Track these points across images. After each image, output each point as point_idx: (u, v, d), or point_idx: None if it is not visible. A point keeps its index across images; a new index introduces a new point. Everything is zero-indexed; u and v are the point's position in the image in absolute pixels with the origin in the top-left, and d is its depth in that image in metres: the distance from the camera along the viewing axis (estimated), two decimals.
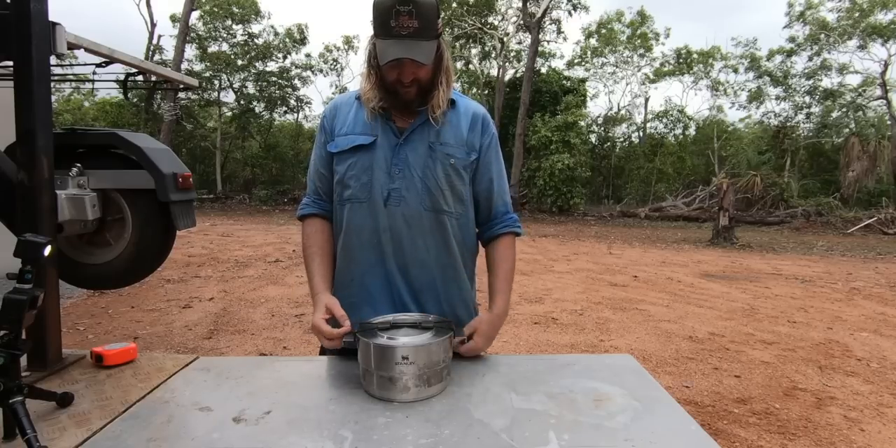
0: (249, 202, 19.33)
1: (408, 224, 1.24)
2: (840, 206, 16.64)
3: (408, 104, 1.24)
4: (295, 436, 0.91)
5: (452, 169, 1.26)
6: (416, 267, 1.27)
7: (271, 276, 6.52)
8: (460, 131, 1.28)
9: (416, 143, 1.25)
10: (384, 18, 1.11)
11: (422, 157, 1.25)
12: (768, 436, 2.64)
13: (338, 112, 1.33)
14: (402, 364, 1.02)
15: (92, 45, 1.71)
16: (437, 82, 1.23)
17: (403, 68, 1.17)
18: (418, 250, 1.26)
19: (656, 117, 24.40)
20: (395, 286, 1.27)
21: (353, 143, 1.26)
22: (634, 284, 6.49)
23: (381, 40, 1.14)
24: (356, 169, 1.25)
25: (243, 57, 20.72)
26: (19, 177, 1.24)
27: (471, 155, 1.29)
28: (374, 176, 1.24)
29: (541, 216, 17.11)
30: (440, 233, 1.27)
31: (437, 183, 1.25)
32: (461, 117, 1.30)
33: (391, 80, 1.20)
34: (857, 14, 19.21)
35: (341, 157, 1.28)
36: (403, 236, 1.25)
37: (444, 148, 1.26)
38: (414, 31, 1.11)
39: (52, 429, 0.95)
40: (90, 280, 1.74)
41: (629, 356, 1.32)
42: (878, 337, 4.42)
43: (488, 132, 1.33)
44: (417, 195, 1.24)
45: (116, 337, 4.04)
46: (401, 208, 1.24)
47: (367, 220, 1.25)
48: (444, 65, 1.24)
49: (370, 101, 1.25)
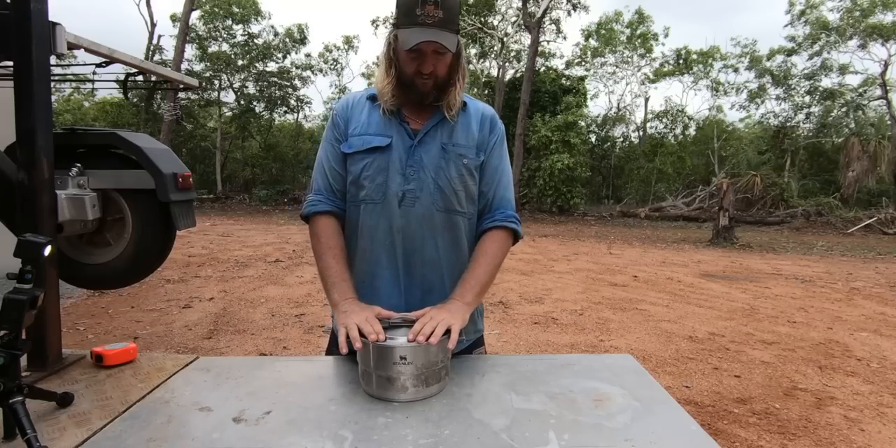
0: (249, 202, 19.34)
1: (421, 225, 1.25)
2: (840, 206, 16.64)
3: (423, 97, 1.23)
4: (295, 436, 0.91)
5: (465, 169, 1.27)
6: (427, 267, 1.27)
7: (271, 276, 6.52)
8: (471, 132, 1.29)
9: (430, 145, 1.26)
10: (410, 7, 1.13)
11: (435, 158, 1.25)
12: (768, 436, 2.64)
13: (351, 111, 1.32)
14: (399, 364, 1.02)
15: (92, 45, 1.71)
16: (453, 79, 1.24)
17: (424, 58, 1.17)
18: (429, 250, 1.26)
19: (656, 117, 24.41)
20: (404, 286, 1.28)
21: (369, 144, 1.26)
22: (634, 284, 6.49)
23: (404, 29, 1.15)
24: (371, 170, 1.25)
25: (243, 57, 20.72)
26: (19, 177, 1.24)
27: (480, 155, 1.30)
28: (389, 177, 1.24)
29: (541, 216, 17.11)
30: (452, 233, 1.28)
31: (450, 183, 1.25)
32: (472, 118, 1.30)
33: (410, 71, 1.20)
34: (857, 13, 19.21)
35: (355, 157, 1.27)
36: (416, 237, 1.25)
37: (457, 148, 1.26)
38: (438, 20, 1.13)
39: (52, 429, 0.95)
40: (90, 280, 1.74)
41: (629, 356, 1.32)
42: (878, 337, 4.42)
43: (496, 131, 1.33)
44: (431, 196, 1.24)
45: (116, 337, 4.04)
46: (415, 209, 1.24)
47: (380, 220, 1.25)
48: (462, 63, 1.25)
49: (384, 96, 1.25)
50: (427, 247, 1.26)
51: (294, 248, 8.99)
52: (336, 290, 1.21)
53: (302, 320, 4.59)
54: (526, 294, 5.77)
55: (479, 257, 1.25)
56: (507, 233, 1.30)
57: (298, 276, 6.47)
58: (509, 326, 4.51)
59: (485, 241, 1.29)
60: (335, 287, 1.21)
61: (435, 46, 1.15)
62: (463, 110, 1.30)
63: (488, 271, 1.23)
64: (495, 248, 1.27)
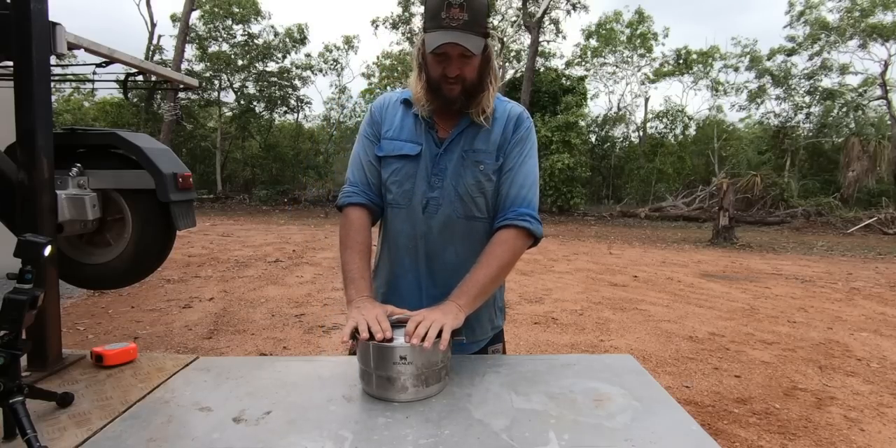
0: (249, 202, 19.34)
1: (442, 231, 1.27)
2: (840, 206, 16.64)
3: (451, 102, 1.22)
4: (295, 436, 0.91)
5: (483, 175, 1.26)
6: (447, 271, 1.29)
7: (271, 276, 6.52)
8: (493, 136, 1.27)
9: (453, 153, 1.27)
10: (436, 11, 1.13)
11: (456, 166, 1.26)
12: (768, 436, 2.64)
13: (386, 112, 1.33)
14: (399, 364, 1.02)
15: (92, 45, 1.71)
16: (484, 84, 1.23)
17: (450, 62, 1.17)
18: (449, 256, 1.29)
19: (656, 117, 24.41)
20: (424, 289, 1.30)
21: (400, 150, 1.27)
22: (634, 284, 6.49)
23: (430, 33, 1.15)
24: (399, 176, 1.28)
25: (243, 57, 20.72)
26: (19, 177, 1.24)
27: (499, 158, 1.28)
28: (415, 184, 1.27)
29: (541, 216, 17.06)
30: (473, 238, 1.29)
31: (467, 190, 1.26)
32: (497, 122, 1.29)
33: (436, 75, 1.20)
34: (857, 14, 19.21)
35: (385, 161, 1.29)
36: (437, 243, 1.28)
37: (475, 155, 1.26)
38: (463, 23, 1.13)
39: (52, 429, 0.95)
40: (90, 280, 1.74)
41: (629, 356, 1.32)
42: (878, 337, 4.42)
43: (519, 129, 1.30)
44: (451, 204, 1.26)
45: (116, 337, 4.04)
46: (438, 216, 1.27)
47: (405, 225, 1.29)
48: (492, 66, 1.24)
49: (420, 101, 1.25)
50: (447, 252, 1.29)
51: (294, 248, 8.99)
52: (354, 286, 1.20)
53: (302, 320, 4.59)
54: (526, 294, 5.77)
55: (482, 259, 1.22)
56: (518, 231, 1.24)
57: (298, 276, 6.47)
58: (509, 326, 4.51)
59: (492, 242, 1.24)
60: (354, 283, 1.21)
61: (460, 49, 1.14)
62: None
63: (489, 274, 1.19)
64: (501, 249, 1.22)
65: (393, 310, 1.15)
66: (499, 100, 1.32)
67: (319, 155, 21.80)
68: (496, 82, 1.26)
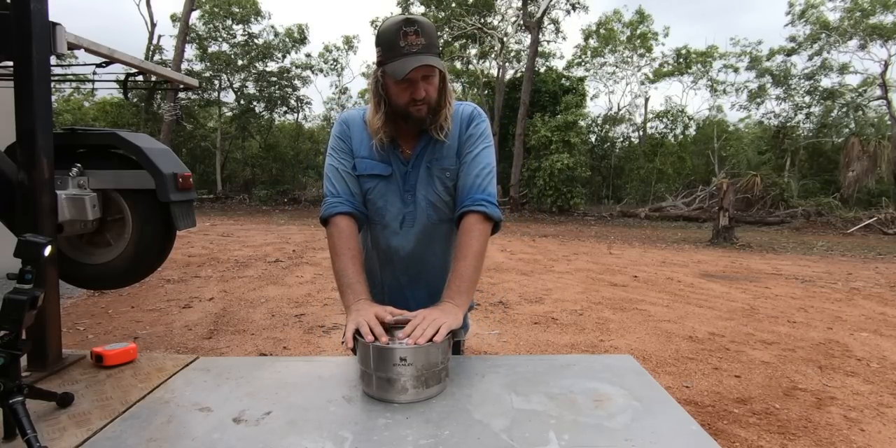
0: (249, 202, 19.35)
1: (420, 240, 1.35)
2: (840, 206, 16.63)
3: (420, 123, 1.26)
4: (295, 436, 0.91)
5: (449, 180, 1.33)
6: (430, 273, 1.39)
7: (271, 276, 6.52)
8: (451, 142, 1.32)
9: (419, 169, 1.32)
10: (392, 41, 1.17)
11: (423, 179, 1.32)
12: (768, 436, 2.64)
13: (351, 131, 1.35)
14: (400, 365, 1.02)
15: (92, 45, 1.71)
16: (444, 101, 1.27)
17: (416, 86, 1.20)
18: (430, 258, 1.37)
19: (656, 117, 24.40)
20: (411, 291, 1.39)
21: (373, 170, 1.32)
22: (634, 284, 6.49)
23: (393, 62, 1.18)
24: (373, 194, 1.34)
25: (243, 57, 20.73)
26: (19, 177, 1.24)
27: (459, 159, 1.34)
28: (388, 201, 1.33)
29: (541, 216, 17.11)
30: (449, 238, 1.39)
31: (438, 197, 1.33)
32: (454, 127, 1.33)
33: (403, 101, 1.23)
34: (857, 14, 19.21)
35: (360, 179, 1.35)
36: (416, 251, 1.36)
37: (439, 163, 1.32)
38: (422, 47, 1.17)
39: (52, 429, 0.95)
40: (90, 280, 1.74)
41: (629, 356, 1.32)
42: (878, 337, 4.42)
43: (472, 127, 1.33)
44: (425, 212, 1.35)
45: (116, 337, 4.04)
46: (415, 227, 1.34)
47: (380, 238, 1.37)
48: (448, 85, 1.28)
49: (377, 133, 1.28)
50: (427, 256, 1.37)
51: (294, 248, 8.99)
52: (351, 290, 1.23)
53: (302, 320, 4.59)
54: (526, 294, 5.77)
55: (459, 253, 1.24)
56: (477, 216, 1.26)
57: (298, 276, 6.47)
58: (509, 326, 4.51)
59: (460, 233, 1.27)
60: (350, 288, 1.23)
61: (423, 71, 1.18)
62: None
63: (470, 265, 1.21)
64: (469, 237, 1.24)
65: (393, 310, 1.17)
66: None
67: (319, 155, 21.81)
68: (452, 100, 1.30)
